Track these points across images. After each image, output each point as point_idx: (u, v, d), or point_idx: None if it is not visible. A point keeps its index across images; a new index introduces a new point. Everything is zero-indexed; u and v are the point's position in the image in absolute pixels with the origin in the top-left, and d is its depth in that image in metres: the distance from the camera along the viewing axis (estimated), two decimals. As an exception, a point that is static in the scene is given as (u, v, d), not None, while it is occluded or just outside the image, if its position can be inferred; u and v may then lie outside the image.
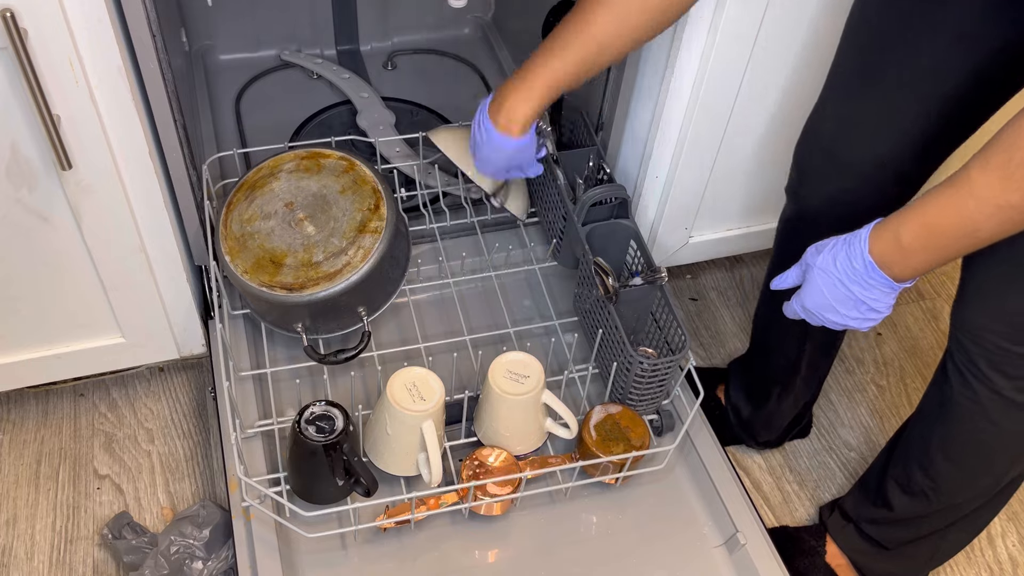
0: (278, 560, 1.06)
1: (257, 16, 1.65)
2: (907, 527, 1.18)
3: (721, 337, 1.64)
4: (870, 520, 1.22)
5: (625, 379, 1.15)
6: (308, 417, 1.05)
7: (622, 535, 1.14)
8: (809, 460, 1.48)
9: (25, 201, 1.08)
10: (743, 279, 1.74)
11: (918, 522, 1.17)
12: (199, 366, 1.49)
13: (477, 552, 1.11)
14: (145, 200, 1.15)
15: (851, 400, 1.57)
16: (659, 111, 1.28)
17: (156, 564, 1.17)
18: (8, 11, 0.88)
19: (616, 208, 1.26)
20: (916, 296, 1.74)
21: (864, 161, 1.05)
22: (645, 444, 1.13)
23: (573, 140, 1.42)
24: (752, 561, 1.10)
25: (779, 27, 1.20)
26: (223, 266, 1.18)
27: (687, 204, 1.42)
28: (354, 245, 1.17)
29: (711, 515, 1.17)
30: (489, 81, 1.71)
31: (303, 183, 1.22)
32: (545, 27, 1.34)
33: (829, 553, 1.28)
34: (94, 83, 1.00)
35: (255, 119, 1.59)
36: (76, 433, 1.40)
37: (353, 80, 1.64)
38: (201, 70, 1.66)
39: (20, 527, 1.30)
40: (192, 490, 1.35)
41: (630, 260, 1.26)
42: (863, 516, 1.23)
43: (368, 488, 1.06)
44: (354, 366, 1.21)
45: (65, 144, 1.00)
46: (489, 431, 1.13)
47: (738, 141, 1.34)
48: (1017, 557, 1.40)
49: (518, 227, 1.44)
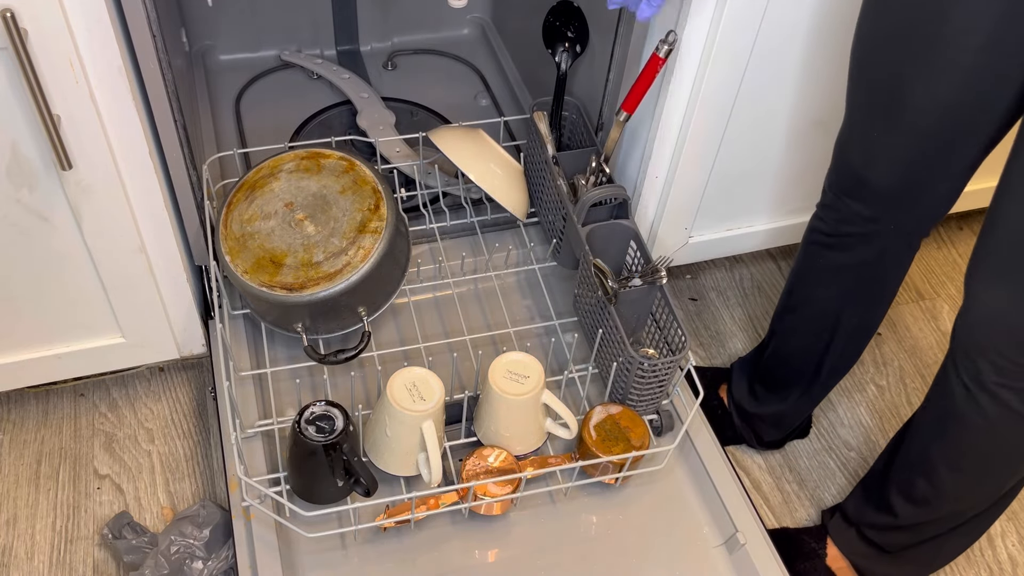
0: (278, 560, 1.06)
1: (257, 16, 1.65)
2: (910, 532, 1.18)
3: (721, 337, 1.64)
4: (872, 525, 1.22)
5: (625, 379, 1.15)
6: (308, 417, 1.05)
7: (622, 535, 1.14)
8: (809, 460, 1.48)
9: (25, 201, 1.08)
10: (743, 279, 1.74)
11: (921, 527, 1.17)
12: (199, 366, 1.49)
13: (477, 552, 1.11)
14: (145, 200, 1.15)
15: (851, 400, 1.57)
16: (659, 111, 1.29)
17: (156, 564, 1.17)
18: (8, 11, 0.88)
19: (616, 209, 1.26)
20: (916, 296, 1.74)
21: (895, 186, 1.05)
22: (645, 444, 1.13)
23: (573, 140, 1.42)
24: (752, 561, 1.10)
25: (780, 26, 1.20)
26: (223, 266, 1.18)
27: (687, 204, 1.42)
28: (354, 245, 1.17)
29: (711, 515, 1.17)
30: (489, 81, 1.72)
31: (303, 183, 1.22)
32: (545, 27, 1.34)
33: (830, 556, 1.28)
34: (94, 83, 1.00)
35: (255, 119, 1.59)
36: (76, 433, 1.40)
37: (353, 80, 1.64)
38: (201, 70, 1.66)
39: (20, 527, 1.30)
40: (192, 490, 1.35)
41: (630, 260, 1.26)
42: (865, 521, 1.23)
43: (368, 488, 1.06)
44: (354, 366, 1.21)
45: (65, 144, 1.00)
46: (489, 431, 1.13)
47: (738, 141, 1.34)
48: (1017, 557, 1.40)
49: (518, 227, 1.44)
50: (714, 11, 1.16)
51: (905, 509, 1.15)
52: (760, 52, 1.22)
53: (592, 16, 1.32)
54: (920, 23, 0.92)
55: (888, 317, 1.69)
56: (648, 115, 1.32)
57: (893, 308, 1.71)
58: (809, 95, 1.33)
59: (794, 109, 1.34)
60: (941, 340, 1.67)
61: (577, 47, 1.33)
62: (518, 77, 1.72)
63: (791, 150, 1.41)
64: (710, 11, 1.16)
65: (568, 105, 1.38)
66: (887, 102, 0.99)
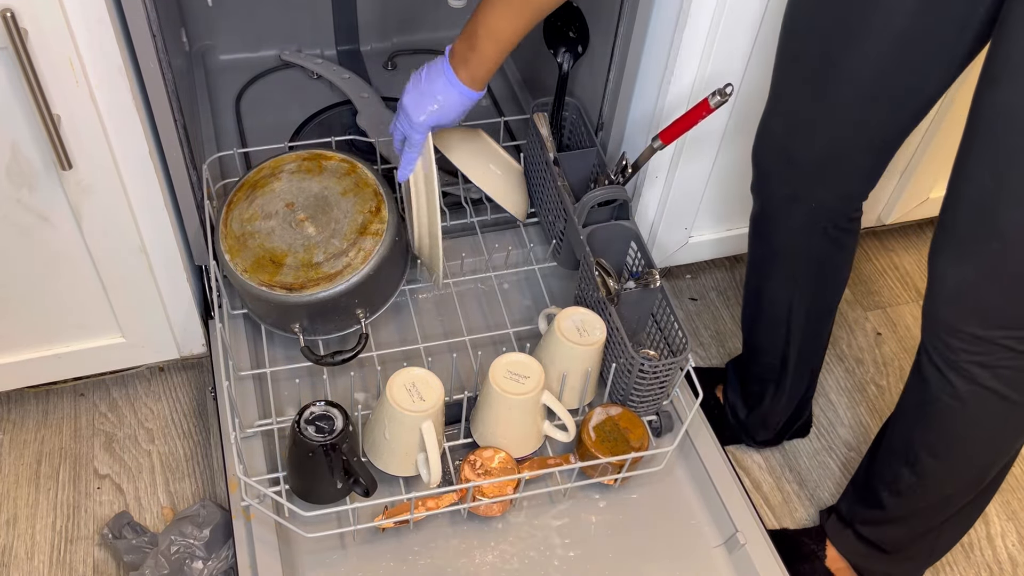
0: (278, 560, 1.06)
1: (257, 16, 1.65)
2: (901, 525, 1.18)
3: (721, 337, 1.64)
4: (865, 522, 1.23)
5: (626, 381, 1.15)
6: (308, 417, 1.05)
7: (621, 535, 1.14)
8: (809, 460, 1.48)
9: (25, 201, 1.08)
10: (743, 279, 1.74)
11: (911, 520, 1.17)
12: (199, 366, 1.50)
13: (476, 552, 1.11)
14: (145, 200, 1.15)
15: (851, 400, 1.57)
16: (659, 111, 1.29)
17: (156, 564, 1.17)
18: (8, 11, 0.88)
19: (616, 209, 1.26)
20: (916, 296, 1.74)
21: (818, 159, 1.06)
22: (644, 445, 1.13)
23: (573, 141, 1.42)
24: (752, 561, 1.10)
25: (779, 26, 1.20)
26: (223, 265, 1.18)
27: (687, 204, 1.42)
28: (355, 247, 1.17)
29: (711, 515, 1.17)
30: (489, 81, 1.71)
31: (304, 184, 1.22)
32: (547, 27, 1.34)
33: (829, 557, 1.28)
34: (94, 83, 1.00)
35: (255, 119, 1.59)
36: (76, 433, 1.40)
37: (353, 80, 1.64)
38: (201, 70, 1.66)
39: (20, 527, 1.30)
40: (192, 490, 1.35)
41: (630, 261, 1.26)
42: (858, 518, 1.24)
43: (367, 488, 1.06)
44: (353, 366, 1.21)
45: (65, 144, 1.00)
46: (487, 433, 1.13)
47: (738, 140, 1.34)
48: (1017, 557, 1.40)
49: (518, 227, 1.44)
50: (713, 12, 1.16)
51: (892, 501, 1.16)
52: (759, 54, 1.22)
53: (592, 16, 1.32)
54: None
55: (888, 317, 1.69)
56: (649, 115, 1.32)
57: (893, 308, 1.71)
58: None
59: (794, 109, 1.34)
60: (941, 340, 1.67)
61: (579, 47, 1.33)
62: (518, 77, 1.72)
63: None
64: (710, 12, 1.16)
65: (568, 105, 1.38)
66: (815, 69, 1.00)
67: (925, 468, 1.10)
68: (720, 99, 1.08)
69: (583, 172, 1.34)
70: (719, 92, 1.08)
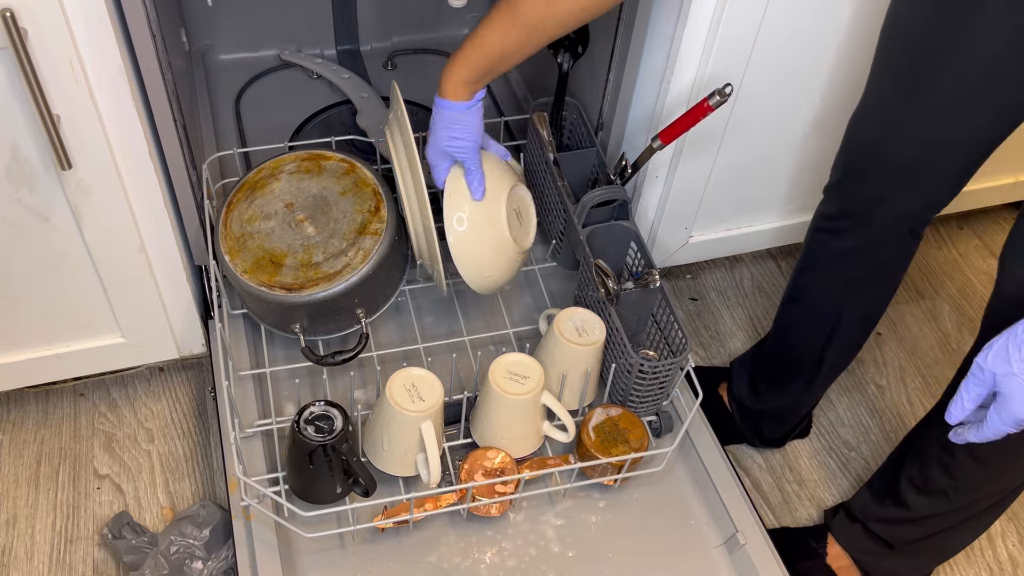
0: (278, 560, 1.06)
1: (257, 16, 1.65)
2: (920, 525, 1.18)
3: (721, 337, 1.64)
4: (880, 519, 1.22)
5: (625, 381, 1.15)
6: (307, 417, 1.05)
7: (621, 536, 1.14)
8: (809, 460, 1.48)
9: (25, 201, 1.08)
10: (743, 279, 1.74)
11: (932, 520, 1.16)
12: (199, 366, 1.49)
13: (475, 553, 1.11)
14: (145, 200, 1.15)
15: (851, 400, 1.57)
16: (659, 111, 1.28)
17: (156, 564, 1.17)
18: (8, 11, 0.88)
19: (616, 210, 1.26)
20: (916, 296, 1.74)
21: (912, 162, 1.04)
22: (644, 446, 1.13)
23: (573, 141, 1.42)
24: (752, 561, 1.10)
25: (779, 26, 1.20)
26: (222, 266, 1.18)
27: (687, 204, 1.42)
28: (354, 247, 1.17)
29: (711, 515, 1.17)
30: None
31: (304, 184, 1.22)
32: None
33: (831, 555, 1.28)
34: (94, 83, 1.00)
35: (255, 119, 1.59)
36: (76, 433, 1.40)
37: (353, 80, 1.64)
38: (201, 70, 1.66)
39: (20, 527, 1.30)
40: (192, 490, 1.35)
41: (630, 262, 1.26)
42: (872, 516, 1.23)
43: (367, 488, 1.06)
44: (353, 366, 1.21)
45: (65, 144, 1.00)
46: (487, 433, 1.13)
47: (738, 141, 1.34)
48: (1017, 557, 1.40)
49: (518, 227, 1.44)
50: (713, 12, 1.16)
51: (919, 501, 1.15)
52: (759, 54, 1.22)
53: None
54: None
55: (888, 317, 1.69)
56: (649, 115, 1.32)
57: (893, 307, 1.71)
58: (808, 97, 1.33)
59: (793, 110, 1.34)
60: (942, 339, 1.67)
61: (579, 48, 1.33)
62: (518, 77, 1.72)
63: (790, 150, 1.41)
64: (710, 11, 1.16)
65: (568, 105, 1.38)
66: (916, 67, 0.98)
67: (963, 470, 1.09)
68: (720, 99, 1.08)
69: (583, 172, 1.34)
70: (719, 92, 1.08)
